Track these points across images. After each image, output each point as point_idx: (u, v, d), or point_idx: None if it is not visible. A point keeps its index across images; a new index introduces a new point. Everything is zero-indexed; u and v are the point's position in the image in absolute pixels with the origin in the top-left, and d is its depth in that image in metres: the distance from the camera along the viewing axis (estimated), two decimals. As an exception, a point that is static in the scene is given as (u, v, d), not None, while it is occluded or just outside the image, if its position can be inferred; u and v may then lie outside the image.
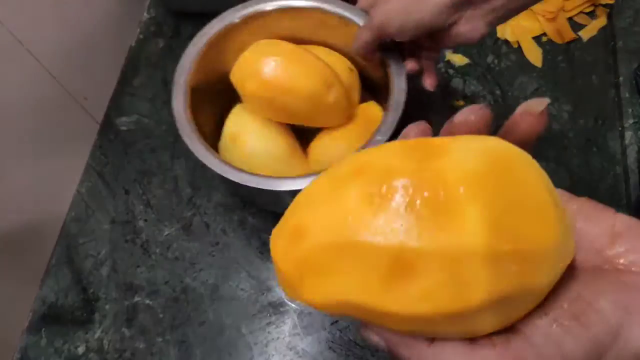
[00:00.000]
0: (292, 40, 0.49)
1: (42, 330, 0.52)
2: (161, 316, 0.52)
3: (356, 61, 0.51)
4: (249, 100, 0.48)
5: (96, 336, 0.51)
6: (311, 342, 0.49)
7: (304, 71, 0.45)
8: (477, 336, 0.18)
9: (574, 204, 0.21)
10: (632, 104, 0.58)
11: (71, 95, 0.56)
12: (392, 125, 0.43)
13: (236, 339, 0.50)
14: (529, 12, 0.64)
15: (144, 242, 0.55)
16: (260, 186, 0.41)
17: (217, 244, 0.55)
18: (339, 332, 0.49)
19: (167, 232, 0.56)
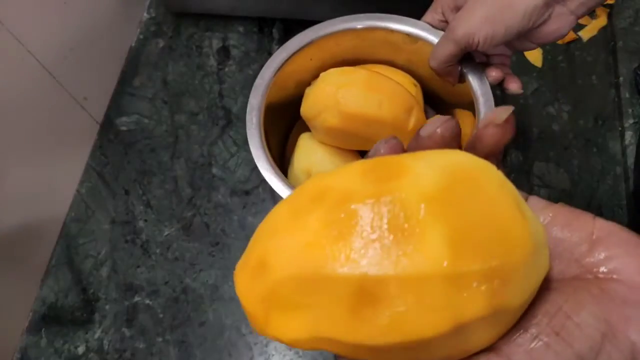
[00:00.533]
0: (354, 61, 0.48)
1: (42, 330, 0.52)
2: (161, 316, 0.52)
3: (418, 75, 0.51)
4: (327, 133, 0.45)
5: (96, 336, 0.51)
6: (311, 342, 0.49)
7: (386, 99, 0.43)
8: (456, 359, 0.18)
9: (550, 212, 0.20)
10: (632, 104, 0.58)
11: (71, 95, 0.56)
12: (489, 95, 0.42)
13: (236, 339, 0.50)
14: (529, 12, 0.64)
15: (144, 242, 0.55)
16: None
17: (217, 244, 0.55)
18: (339, 332, 0.49)
19: (167, 232, 0.56)
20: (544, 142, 0.57)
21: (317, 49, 0.48)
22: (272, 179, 0.41)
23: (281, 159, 0.52)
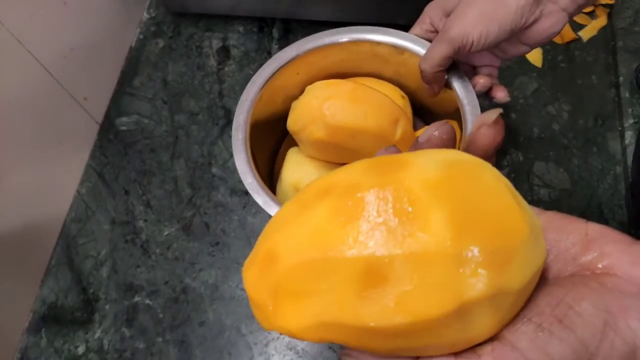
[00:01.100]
0: (341, 74, 0.48)
1: (42, 330, 0.52)
2: (161, 316, 0.52)
3: (406, 87, 0.51)
4: (313, 146, 0.45)
5: (96, 336, 0.51)
6: (311, 342, 0.49)
7: (372, 110, 0.43)
8: (461, 348, 0.18)
9: (544, 218, 0.21)
10: (632, 104, 0.58)
11: (71, 95, 0.56)
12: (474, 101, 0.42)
13: (236, 339, 0.50)
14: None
15: (144, 242, 0.55)
16: None
17: (217, 244, 0.55)
18: (339, 332, 0.49)
19: (167, 232, 0.56)
20: (544, 142, 0.57)
21: (304, 64, 0.48)
22: (258, 196, 0.41)
23: (270, 175, 0.52)
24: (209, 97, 0.63)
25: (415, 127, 0.50)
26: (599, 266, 0.20)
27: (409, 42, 0.46)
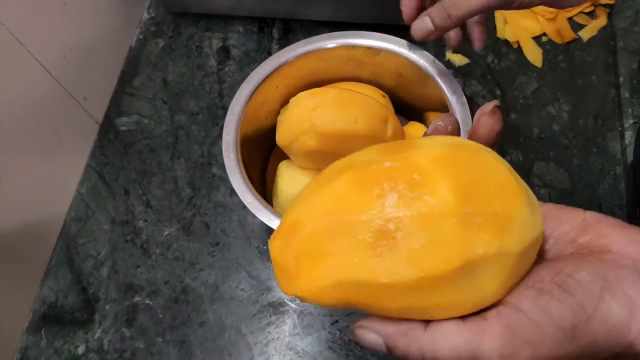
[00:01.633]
0: (320, 82, 0.49)
1: (42, 330, 0.52)
2: (161, 316, 0.52)
3: (384, 86, 0.51)
4: (306, 156, 0.45)
5: (96, 336, 0.51)
6: (311, 342, 0.49)
7: (360, 114, 0.43)
8: (468, 311, 0.20)
9: (542, 208, 0.23)
10: (632, 104, 0.58)
11: (71, 95, 0.56)
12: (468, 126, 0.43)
13: (236, 339, 0.50)
14: (529, 12, 0.64)
15: (144, 242, 0.55)
16: None
17: (217, 244, 0.55)
18: (339, 332, 0.49)
19: (167, 232, 0.56)
20: (544, 142, 0.57)
21: (282, 77, 0.49)
22: (261, 214, 0.41)
23: (262, 187, 0.53)
24: (209, 97, 0.63)
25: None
26: (596, 245, 0.21)
27: (383, 42, 0.47)
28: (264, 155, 0.54)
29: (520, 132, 0.58)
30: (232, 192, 0.57)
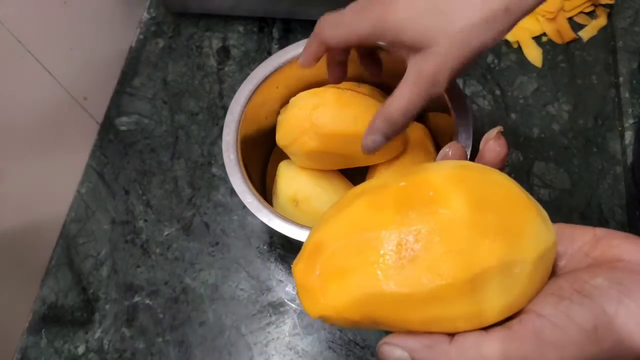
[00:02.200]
0: (319, 82, 0.48)
1: (42, 330, 0.52)
2: (161, 316, 0.52)
3: (384, 86, 0.51)
4: (307, 157, 0.44)
5: (96, 336, 0.51)
6: (311, 342, 0.49)
7: (361, 114, 0.42)
8: (490, 322, 0.20)
9: (554, 227, 0.23)
10: (632, 104, 0.58)
11: (71, 95, 0.56)
12: (469, 130, 0.42)
13: (236, 339, 0.50)
14: (529, 12, 0.64)
15: (144, 242, 0.55)
16: None
17: (217, 244, 0.55)
18: (339, 332, 0.49)
19: (167, 232, 0.56)
20: (544, 142, 0.57)
21: (282, 76, 0.48)
22: (261, 214, 0.41)
23: (262, 187, 0.53)
24: (209, 97, 0.63)
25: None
26: (609, 255, 0.22)
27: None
28: (264, 155, 0.54)
29: (520, 132, 0.58)
30: (232, 192, 0.57)
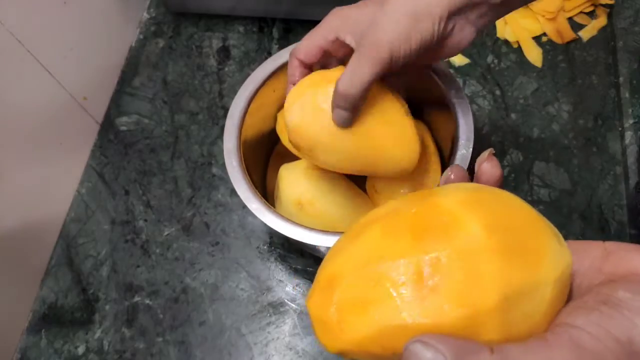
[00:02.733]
0: None
1: (42, 330, 0.52)
2: (161, 316, 0.52)
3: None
4: (323, 151, 0.40)
5: (96, 336, 0.51)
6: (311, 342, 0.49)
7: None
8: (517, 339, 0.19)
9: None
10: (632, 104, 0.58)
11: (71, 95, 0.56)
12: (470, 130, 0.43)
13: (236, 339, 0.50)
14: (529, 12, 0.64)
15: (144, 242, 0.55)
16: None
17: (217, 244, 0.55)
18: (339, 332, 0.49)
19: (167, 232, 0.56)
20: (544, 142, 0.57)
21: (279, 80, 0.48)
22: (267, 219, 0.41)
23: (263, 190, 0.53)
24: (209, 97, 0.63)
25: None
26: (623, 269, 0.22)
27: None
28: (264, 158, 0.54)
29: (520, 132, 0.58)
30: (232, 192, 0.57)
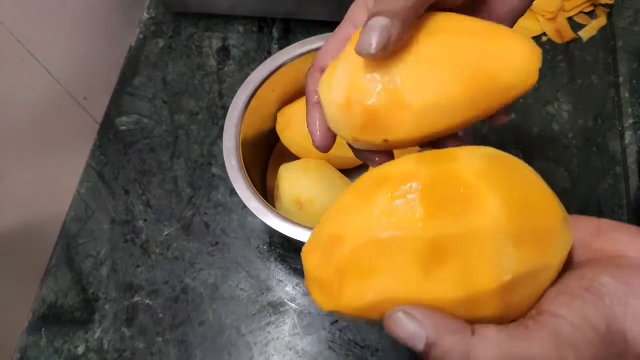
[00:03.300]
0: None
1: (42, 330, 0.52)
2: (161, 316, 0.52)
3: None
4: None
5: (96, 336, 0.51)
6: (311, 342, 0.49)
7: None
8: (511, 317, 0.20)
9: None
10: (632, 104, 0.58)
11: (71, 95, 0.56)
12: (470, 130, 0.42)
13: (236, 339, 0.50)
14: (529, 12, 0.64)
15: (144, 242, 0.55)
16: None
17: (217, 244, 0.55)
18: (339, 332, 0.49)
19: (167, 232, 0.56)
20: (544, 142, 0.57)
21: (278, 80, 0.48)
22: (267, 219, 0.41)
23: (263, 189, 0.53)
24: (209, 97, 0.63)
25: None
26: (611, 249, 0.22)
27: None
28: (263, 158, 0.55)
29: (520, 131, 0.58)
30: (232, 192, 0.57)
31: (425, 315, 0.19)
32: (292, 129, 0.50)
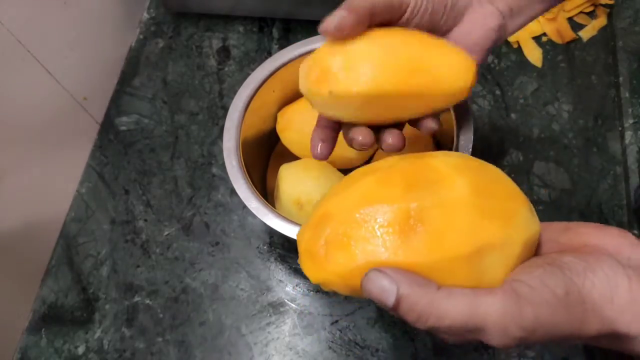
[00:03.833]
0: None
1: (42, 330, 0.52)
2: (161, 316, 0.52)
3: None
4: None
5: (96, 336, 0.51)
6: (311, 342, 0.49)
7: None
8: (479, 286, 0.22)
9: None
10: (632, 104, 0.58)
11: (71, 95, 0.56)
12: (469, 130, 0.42)
13: (236, 339, 0.50)
14: (529, 12, 0.64)
15: (144, 242, 0.55)
16: None
17: (217, 244, 0.55)
18: (339, 332, 0.49)
19: (167, 232, 0.56)
20: (544, 142, 0.57)
21: (278, 80, 0.48)
22: (267, 219, 0.41)
23: (263, 189, 0.53)
24: (209, 97, 0.63)
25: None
26: (577, 242, 0.24)
27: None
28: (264, 158, 0.55)
29: (520, 132, 0.58)
30: (232, 192, 0.57)
31: (396, 271, 0.21)
32: (292, 129, 0.50)
